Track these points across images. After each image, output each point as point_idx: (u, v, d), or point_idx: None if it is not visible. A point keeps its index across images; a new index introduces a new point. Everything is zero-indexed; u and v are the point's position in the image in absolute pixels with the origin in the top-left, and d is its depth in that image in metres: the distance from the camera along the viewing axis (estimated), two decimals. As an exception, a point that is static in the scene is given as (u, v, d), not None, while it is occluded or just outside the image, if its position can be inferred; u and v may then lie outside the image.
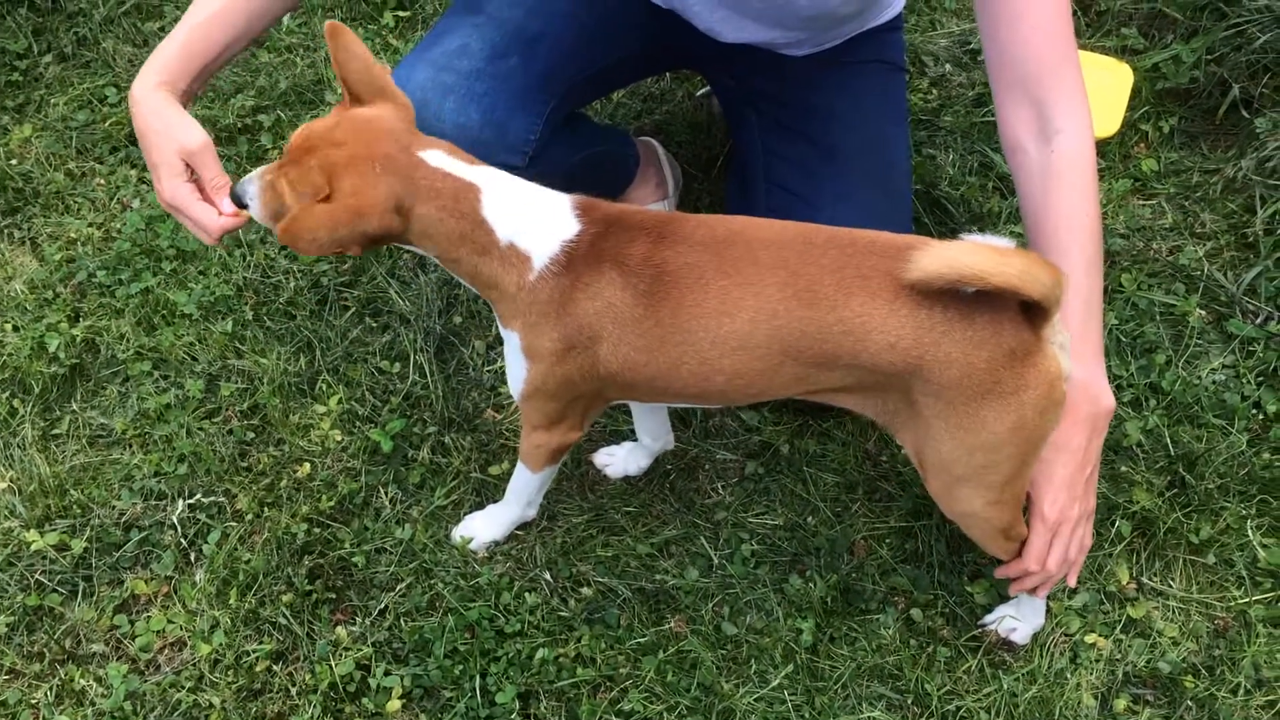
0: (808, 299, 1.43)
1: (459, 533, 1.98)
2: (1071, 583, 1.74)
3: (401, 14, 2.80)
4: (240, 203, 1.56)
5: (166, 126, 1.59)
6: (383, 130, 1.46)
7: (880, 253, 1.43)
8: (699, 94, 2.62)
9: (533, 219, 1.49)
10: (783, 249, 1.47)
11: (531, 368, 1.56)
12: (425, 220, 1.47)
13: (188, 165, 1.60)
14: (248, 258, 2.34)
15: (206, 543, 1.98)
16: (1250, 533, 1.95)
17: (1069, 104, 1.59)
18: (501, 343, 1.65)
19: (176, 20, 2.79)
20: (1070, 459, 1.60)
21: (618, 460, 2.06)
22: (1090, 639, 1.87)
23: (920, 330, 1.41)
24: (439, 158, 1.48)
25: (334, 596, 1.93)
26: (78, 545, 1.98)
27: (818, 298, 1.43)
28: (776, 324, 1.45)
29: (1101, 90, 2.49)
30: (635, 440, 2.03)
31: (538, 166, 1.84)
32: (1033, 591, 1.76)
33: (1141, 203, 2.42)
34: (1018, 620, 1.86)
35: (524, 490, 1.89)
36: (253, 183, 1.53)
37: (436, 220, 1.47)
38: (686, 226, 1.51)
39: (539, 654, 1.84)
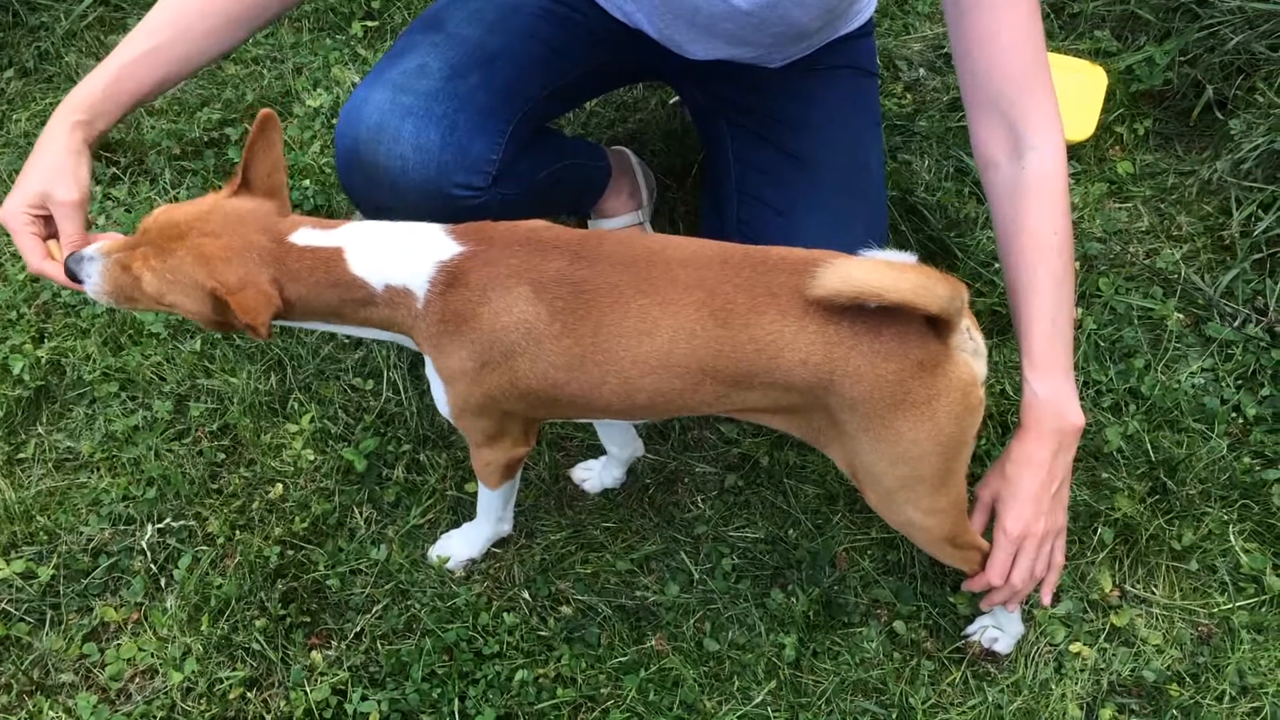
0: (723, 318, 1.45)
1: (435, 552, 1.95)
2: (1046, 600, 1.73)
3: (370, 24, 2.77)
4: (74, 277, 1.53)
5: (50, 168, 1.57)
6: (256, 222, 1.48)
7: (789, 269, 1.45)
8: (672, 101, 2.60)
9: (397, 255, 1.50)
10: (700, 268, 1.48)
11: (450, 389, 1.57)
12: (304, 299, 1.49)
13: (46, 207, 1.59)
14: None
15: (177, 568, 1.94)
16: (1232, 538, 1.95)
17: (1041, 122, 1.60)
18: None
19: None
20: (1035, 475, 1.60)
21: (594, 474, 2.03)
22: (1075, 648, 1.85)
23: (830, 345, 1.42)
24: (304, 235, 1.49)
25: (309, 620, 1.89)
26: (45, 573, 1.93)
27: (732, 316, 1.45)
28: (695, 343, 1.46)
29: (1076, 93, 2.48)
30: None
31: (502, 185, 1.81)
32: (1005, 604, 1.75)
33: (1118, 206, 2.41)
34: (999, 630, 1.84)
35: (490, 507, 1.87)
36: (95, 262, 1.51)
37: (315, 296, 1.49)
38: (604, 245, 1.51)
39: (518, 675, 1.81)
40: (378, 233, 1.52)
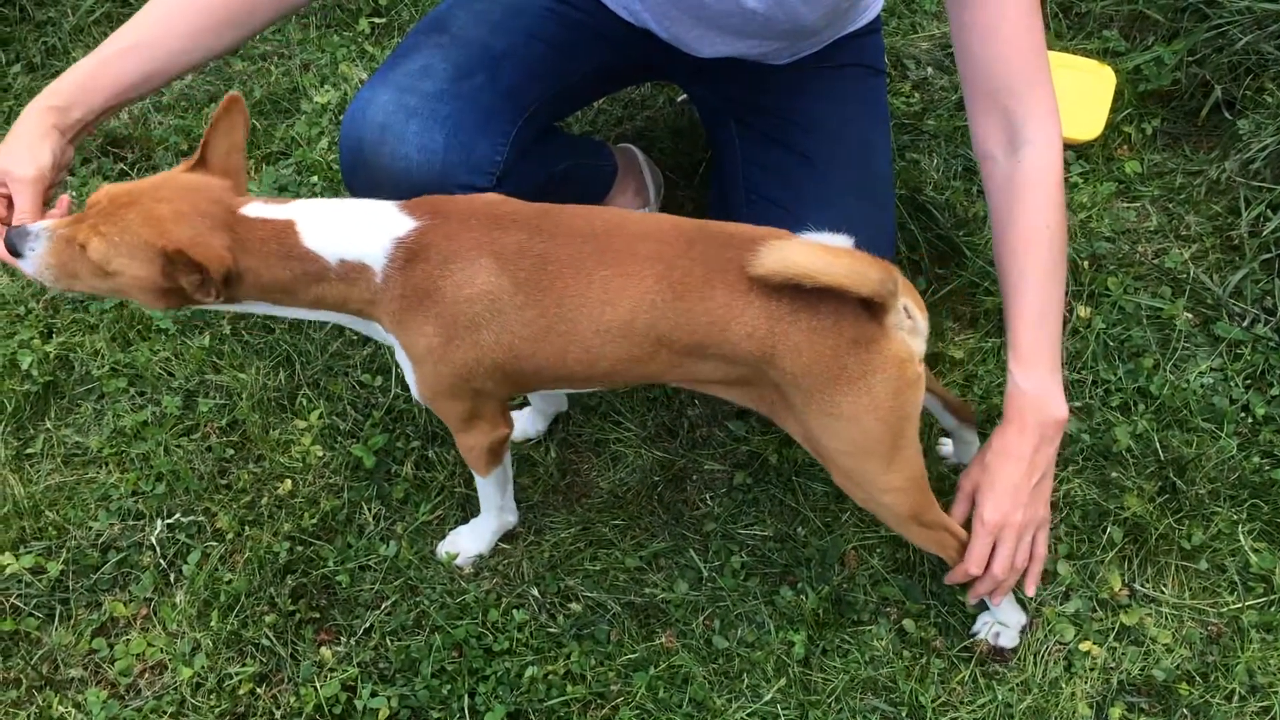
0: (680, 290, 1.49)
1: (444, 548, 1.95)
2: (1029, 591, 1.75)
3: (377, 20, 2.77)
4: (15, 252, 1.52)
5: (13, 147, 1.58)
6: (208, 193, 1.49)
7: (737, 245, 1.49)
8: (680, 99, 2.60)
9: (351, 230, 1.52)
10: (659, 242, 1.52)
11: (419, 369, 1.59)
12: (255, 271, 1.49)
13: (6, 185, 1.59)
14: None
15: (186, 563, 1.94)
16: (1242, 538, 1.95)
17: (1039, 117, 1.61)
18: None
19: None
20: (1015, 466, 1.63)
21: (517, 425, 2.05)
22: (1084, 647, 1.85)
23: (772, 320, 1.47)
24: (255, 208, 1.50)
25: (318, 616, 1.89)
26: (54, 568, 1.93)
27: (688, 289, 1.49)
28: (654, 314, 1.50)
29: (1084, 93, 2.48)
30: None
31: (507, 186, 1.81)
32: (991, 596, 1.76)
33: (1126, 205, 2.41)
34: (1002, 624, 1.85)
35: (488, 496, 1.88)
36: (39, 238, 1.50)
37: (265, 268, 1.49)
38: (564, 218, 1.54)
39: (528, 672, 1.81)
40: (329, 208, 1.54)
